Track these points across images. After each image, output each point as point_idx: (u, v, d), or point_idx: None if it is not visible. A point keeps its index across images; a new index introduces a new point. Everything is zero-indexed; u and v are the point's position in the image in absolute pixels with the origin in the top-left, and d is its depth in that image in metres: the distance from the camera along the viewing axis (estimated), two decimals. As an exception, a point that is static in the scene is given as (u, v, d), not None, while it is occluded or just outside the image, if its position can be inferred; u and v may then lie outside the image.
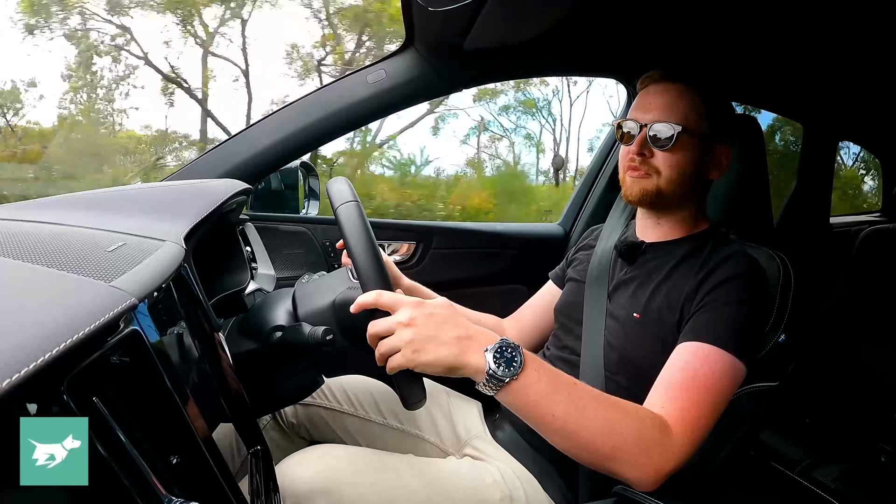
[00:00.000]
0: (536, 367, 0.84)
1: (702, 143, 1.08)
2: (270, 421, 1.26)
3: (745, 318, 0.99)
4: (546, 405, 0.83)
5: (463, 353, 0.81)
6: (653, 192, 1.10)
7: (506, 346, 0.82)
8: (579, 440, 0.84)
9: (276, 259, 1.71)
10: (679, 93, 1.09)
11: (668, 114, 1.07)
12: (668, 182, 1.09)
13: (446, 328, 0.81)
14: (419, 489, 1.00)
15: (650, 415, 0.89)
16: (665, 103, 1.08)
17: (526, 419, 0.86)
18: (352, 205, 0.90)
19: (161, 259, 0.65)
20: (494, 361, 0.80)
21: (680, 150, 1.07)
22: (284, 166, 1.62)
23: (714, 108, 1.10)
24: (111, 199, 0.97)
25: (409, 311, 0.81)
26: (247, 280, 1.12)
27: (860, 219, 3.09)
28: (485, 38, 1.41)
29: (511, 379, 0.81)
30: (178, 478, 0.53)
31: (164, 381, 0.53)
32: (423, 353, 0.80)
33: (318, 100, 1.55)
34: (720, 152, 1.11)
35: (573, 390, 0.85)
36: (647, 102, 1.10)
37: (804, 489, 1.08)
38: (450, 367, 0.81)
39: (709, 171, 1.12)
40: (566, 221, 2.17)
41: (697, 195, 1.15)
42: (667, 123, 1.06)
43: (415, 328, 0.80)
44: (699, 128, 1.07)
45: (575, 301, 1.22)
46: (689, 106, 1.07)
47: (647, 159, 1.09)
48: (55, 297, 0.46)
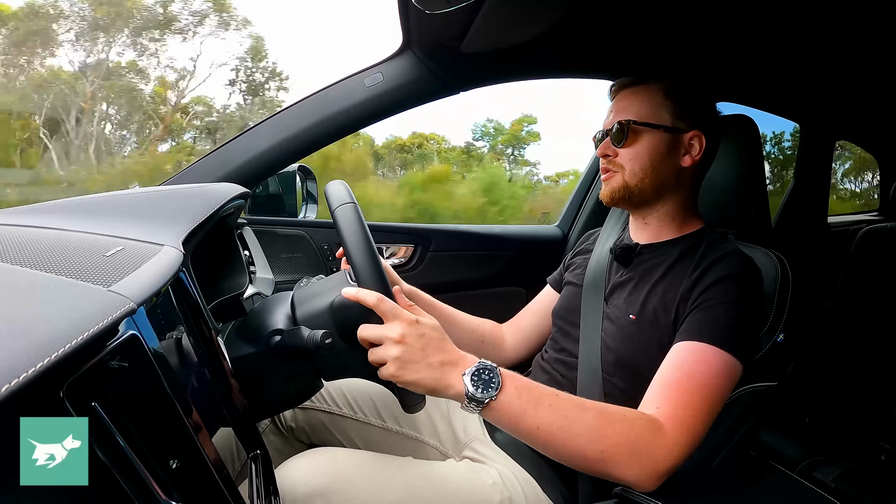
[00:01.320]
0: (516, 385, 0.86)
1: (663, 132, 1.12)
2: (269, 425, 1.26)
3: (741, 316, 1.00)
4: (529, 420, 0.85)
5: (443, 377, 0.84)
6: (619, 189, 1.15)
7: (483, 369, 0.85)
8: (567, 449, 0.87)
9: (275, 263, 1.71)
10: (633, 93, 1.16)
11: (623, 113, 1.14)
12: (631, 175, 1.14)
13: (432, 352, 0.84)
14: (418, 491, 0.99)
15: (640, 416, 0.91)
16: (622, 106, 1.16)
17: (513, 434, 0.89)
18: (349, 207, 0.90)
19: (159, 263, 0.65)
20: (472, 384, 0.84)
21: (636, 143, 1.13)
22: (282, 170, 1.62)
23: (677, 97, 1.13)
24: (109, 203, 0.96)
25: (400, 328, 0.84)
26: (245, 284, 1.12)
27: (858, 218, 3.09)
28: (481, 41, 1.42)
29: (490, 399, 0.84)
30: (177, 482, 0.53)
31: (163, 385, 0.53)
32: (407, 372, 0.83)
33: (316, 103, 1.55)
34: (691, 138, 1.14)
35: (555, 402, 0.87)
36: (610, 111, 1.18)
37: (805, 488, 1.08)
38: (431, 389, 0.85)
39: (679, 159, 1.14)
40: (564, 223, 2.18)
41: (677, 187, 1.16)
42: (621, 122, 1.13)
43: (403, 347, 0.83)
44: (657, 118, 1.12)
45: (572, 305, 1.23)
46: (643, 101, 1.14)
47: (612, 159, 1.15)
48: (54, 303, 0.46)
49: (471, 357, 0.88)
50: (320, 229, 1.78)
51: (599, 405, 0.91)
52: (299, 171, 1.78)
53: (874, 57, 1.66)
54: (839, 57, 1.68)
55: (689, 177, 1.16)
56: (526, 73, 1.74)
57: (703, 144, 1.14)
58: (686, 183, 1.17)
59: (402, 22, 1.41)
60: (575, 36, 1.53)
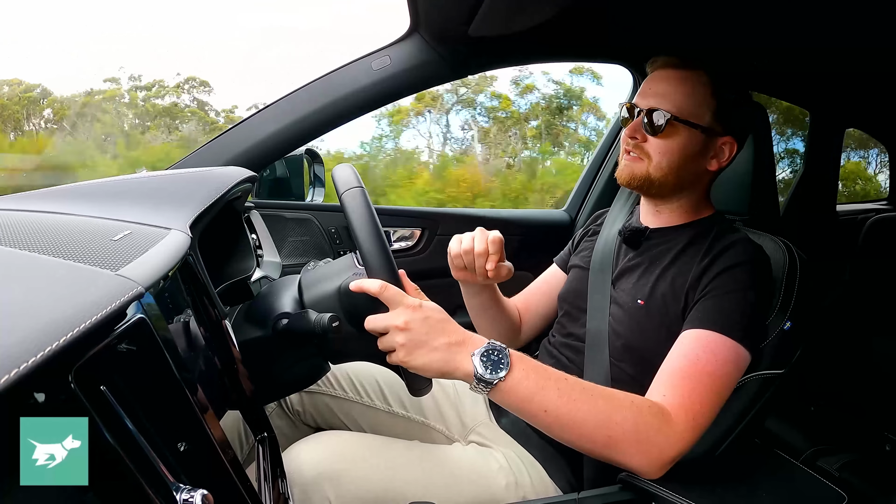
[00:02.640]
0: (524, 367, 0.86)
1: (700, 133, 1.08)
2: (276, 408, 1.26)
3: (749, 304, 0.99)
4: (537, 402, 0.85)
5: (452, 358, 0.84)
6: (641, 177, 1.11)
7: (492, 350, 0.85)
8: (574, 433, 0.87)
9: (282, 246, 1.72)
10: (681, 80, 1.09)
11: (664, 101, 1.08)
12: (657, 168, 1.09)
13: (437, 334, 0.84)
14: (425, 475, 1.00)
15: (647, 403, 0.91)
16: (664, 90, 1.09)
17: (520, 416, 0.89)
18: (357, 191, 0.89)
19: (167, 247, 0.65)
20: (482, 365, 0.84)
21: (672, 138, 1.08)
22: (289, 153, 1.61)
23: (722, 98, 1.08)
24: (116, 188, 0.97)
25: (405, 314, 0.84)
26: (252, 267, 1.12)
27: (866, 207, 3.07)
28: (490, 25, 1.40)
29: (499, 380, 0.84)
30: (185, 465, 0.53)
31: (171, 369, 0.53)
32: (415, 357, 0.83)
33: (323, 87, 1.54)
34: (723, 143, 1.10)
35: (563, 385, 0.87)
36: (648, 88, 1.11)
37: (809, 477, 1.08)
38: (440, 372, 0.84)
39: (707, 162, 1.11)
40: (572, 207, 2.17)
41: (695, 186, 1.14)
42: (660, 110, 1.07)
43: (408, 332, 0.83)
44: (698, 117, 1.07)
45: (579, 289, 1.22)
46: (689, 94, 1.07)
47: (640, 143, 1.10)
48: (62, 287, 0.46)
49: (478, 337, 0.87)
50: (327, 213, 1.78)
51: (608, 390, 0.91)
52: (306, 154, 1.78)
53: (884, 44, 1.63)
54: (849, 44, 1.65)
55: (710, 177, 1.15)
56: (534, 57, 1.72)
57: (733, 152, 1.11)
58: (705, 182, 1.15)
59: (409, 5, 1.40)
60: (585, 20, 1.51)
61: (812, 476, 1.09)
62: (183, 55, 12.05)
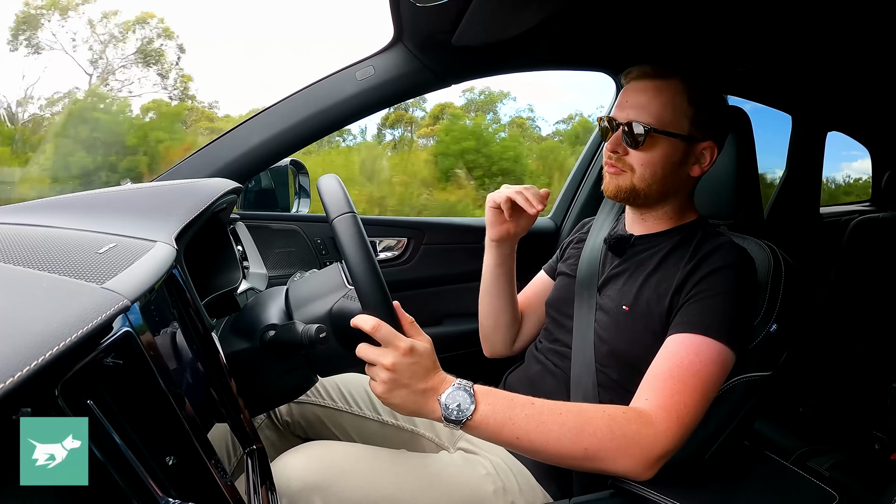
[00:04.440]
0: (490, 402, 0.89)
1: (680, 142, 1.09)
2: (265, 420, 1.26)
3: (734, 306, 1.00)
4: (508, 431, 0.88)
5: (425, 403, 0.88)
6: (627, 189, 1.12)
7: (457, 391, 0.88)
8: (551, 452, 0.89)
9: (268, 257, 1.71)
10: (656, 91, 1.09)
11: (642, 112, 1.08)
12: (641, 179, 1.10)
13: (418, 380, 0.87)
14: (413, 483, 1.00)
15: (621, 410, 0.92)
16: (641, 102, 1.09)
17: (497, 444, 0.92)
18: (348, 217, 0.87)
19: (153, 260, 0.65)
20: (447, 408, 0.87)
21: (652, 149, 1.08)
22: (274, 164, 1.61)
23: (699, 105, 1.09)
24: (101, 200, 0.96)
25: (393, 357, 0.85)
26: (239, 279, 1.12)
27: (850, 208, 3.11)
28: (473, 34, 1.41)
29: (466, 419, 0.87)
30: (174, 479, 0.53)
31: (158, 382, 0.53)
32: (393, 396, 0.87)
33: (307, 97, 1.54)
34: (703, 149, 1.11)
35: (531, 411, 0.89)
36: (625, 100, 1.12)
37: (800, 477, 1.09)
38: (413, 412, 0.90)
39: (689, 169, 1.12)
40: (557, 215, 2.18)
41: (679, 191, 1.15)
42: (639, 123, 1.07)
43: (392, 374, 0.86)
44: (677, 126, 1.08)
45: (566, 296, 1.23)
46: (666, 104, 1.08)
47: (622, 157, 1.11)
48: (48, 300, 0.46)
49: (449, 379, 0.90)
50: (313, 223, 1.78)
51: (577, 406, 0.94)
52: (291, 165, 1.78)
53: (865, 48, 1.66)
54: (831, 48, 1.68)
55: (693, 182, 1.16)
56: (518, 66, 1.73)
57: (713, 156, 1.12)
58: (688, 187, 1.16)
59: (393, 15, 1.41)
60: (567, 29, 1.52)
61: (803, 476, 1.10)
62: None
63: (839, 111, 2.49)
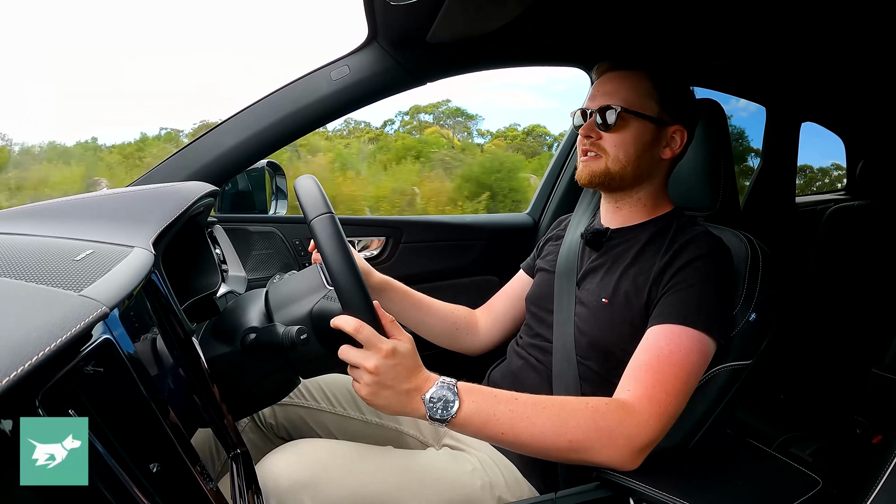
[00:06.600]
0: (474, 399, 0.90)
1: (650, 123, 1.13)
2: (249, 423, 1.25)
3: (712, 295, 1.02)
4: (492, 427, 0.90)
5: (409, 402, 0.89)
6: (601, 173, 1.15)
7: (441, 389, 0.89)
8: (536, 446, 0.91)
9: (247, 260, 1.70)
10: (624, 78, 1.15)
11: (612, 97, 1.13)
12: (615, 161, 1.14)
13: (401, 381, 0.88)
14: (400, 479, 1.00)
15: (603, 402, 0.94)
16: (611, 89, 1.15)
17: (482, 440, 0.95)
18: (326, 218, 0.87)
19: (131, 266, 0.65)
20: (431, 407, 0.88)
21: (624, 130, 1.13)
22: (251, 166, 1.60)
23: (665, 90, 1.14)
24: (76, 207, 0.95)
25: (375, 359, 0.86)
26: (218, 283, 1.11)
27: (825, 197, 3.16)
28: (448, 31, 1.41)
29: (450, 417, 0.88)
30: (158, 486, 0.53)
31: (140, 389, 0.52)
32: (377, 398, 0.88)
33: (282, 98, 1.53)
34: (673, 132, 1.15)
35: (514, 406, 0.91)
36: (596, 91, 1.17)
37: (783, 464, 1.11)
38: (397, 412, 0.90)
39: (661, 151, 1.16)
40: (535, 211, 2.19)
41: (652, 176, 1.18)
42: (610, 107, 1.12)
43: (376, 377, 0.86)
44: (646, 108, 1.13)
45: (545, 291, 1.24)
46: (633, 88, 1.14)
47: (596, 142, 1.15)
48: (25, 310, 0.45)
49: (433, 377, 0.91)
50: (291, 225, 1.77)
51: (560, 399, 0.95)
52: (268, 166, 1.76)
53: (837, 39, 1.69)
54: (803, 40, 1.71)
55: (666, 167, 1.19)
56: (493, 63, 1.74)
57: (683, 139, 1.16)
58: (662, 173, 1.19)
59: (367, 14, 1.40)
60: (542, 24, 1.53)
61: (786, 463, 1.12)
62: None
63: (813, 102, 2.53)
